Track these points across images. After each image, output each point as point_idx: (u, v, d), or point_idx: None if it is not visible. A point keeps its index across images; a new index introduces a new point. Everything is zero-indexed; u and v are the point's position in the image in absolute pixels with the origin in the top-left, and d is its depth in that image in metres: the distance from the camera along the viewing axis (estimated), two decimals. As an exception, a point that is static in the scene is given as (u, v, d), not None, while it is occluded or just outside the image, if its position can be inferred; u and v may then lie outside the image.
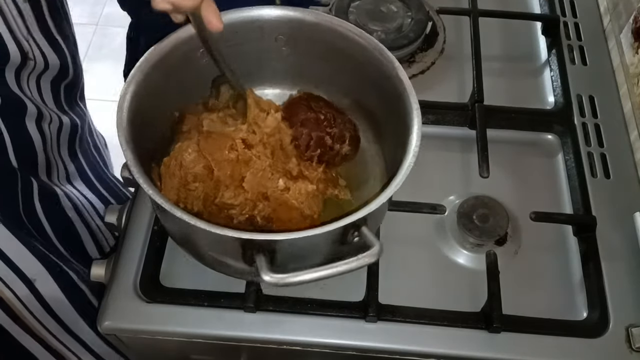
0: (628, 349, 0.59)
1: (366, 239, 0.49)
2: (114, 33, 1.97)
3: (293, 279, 0.47)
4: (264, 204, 0.58)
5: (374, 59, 0.59)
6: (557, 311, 0.62)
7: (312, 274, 0.47)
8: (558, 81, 0.77)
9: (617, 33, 0.79)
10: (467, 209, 0.65)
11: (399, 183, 0.51)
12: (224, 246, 0.53)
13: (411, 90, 0.56)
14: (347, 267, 0.47)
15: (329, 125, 0.62)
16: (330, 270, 0.47)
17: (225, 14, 0.59)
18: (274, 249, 0.49)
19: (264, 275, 0.47)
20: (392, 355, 0.60)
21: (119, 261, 0.64)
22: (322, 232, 0.48)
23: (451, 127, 0.74)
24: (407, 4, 0.81)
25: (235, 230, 0.48)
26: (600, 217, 0.66)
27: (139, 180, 0.49)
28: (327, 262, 0.54)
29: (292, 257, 0.53)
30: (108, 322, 0.60)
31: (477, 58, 0.76)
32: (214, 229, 0.48)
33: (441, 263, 0.65)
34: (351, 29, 0.60)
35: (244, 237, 0.48)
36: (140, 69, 0.56)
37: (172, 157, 0.60)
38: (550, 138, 0.74)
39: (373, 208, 0.49)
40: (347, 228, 0.49)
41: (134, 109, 0.54)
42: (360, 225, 0.50)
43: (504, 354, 0.59)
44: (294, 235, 0.48)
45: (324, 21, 0.61)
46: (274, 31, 0.62)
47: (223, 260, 0.56)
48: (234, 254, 0.52)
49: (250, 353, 0.64)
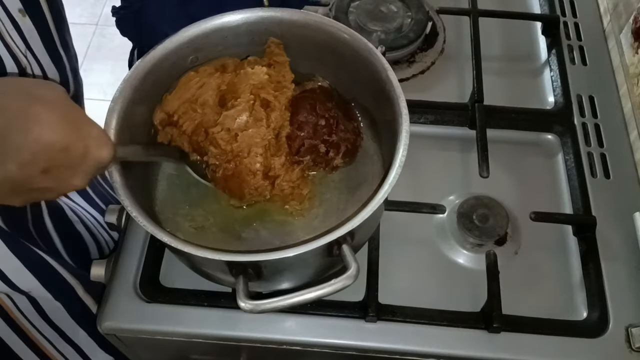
0: (628, 349, 0.59)
1: (344, 259, 0.49)
2: (114, 33, 1.95)
3: (267, 306, 0.46)
4: (230, 165, 0.58)
5: (364, 59, 0.58)
6: (557, 311, 0.62)
7: (287, 300, 0.47)
8: (558, 81, 0.77)
9: (617, 33, 0.79)
10: (467, 209, 0.65)
11: (382, 197, 0.50)
12: (210, 264, 0.53)
13: (400, 93, 0.55)
14: (322, 292, 0.47)
15: (327, 132, 0.60)
16: (305, 296, 0.47)
17: (213, 19, 0.59)
18: (258, 266, 0.49)
19: (239, 302, 0.47)
20: (392, 355, 0.60)
21: (119, 261, 0.64)
22: (301, 252, 0.47)
23: (451, 127, 0.74)
24: (407, 4, 0.81)
25: (214, 252, 0.48)
26: (600, 217, 0.66)
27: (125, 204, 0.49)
28: (317, 271, 0.55)
29: (278, 271, 0.53)
30: (108, 322, 0.60)
31: (477, 58, 0.76)
32: (196, 251, 0.48)
33: (441, 263, 0.65)
34: (341, 29, 0.59)
35: (223, 259, 0.47)
36: (129, 82, 0.56)
37: (198, 74, 0.59)
38: (550, 138, 0.74)
39: (355, 224, 0.48)
40: (330, 244, 0.48)
41: (122, 123, 0.54)
42: (341, 242, 0.49)
43: (504, 354, 0.59)
44: (273, 256, 0.47)
45: (313, 21, 0.60)
46: (264, 33, 0.62)
47: (215, 275, 0.56)
48: (223, 270, 0.52)
49: (250, 353, 0.64)
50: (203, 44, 0.60)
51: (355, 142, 0.62)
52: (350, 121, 0.63)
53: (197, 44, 0.60)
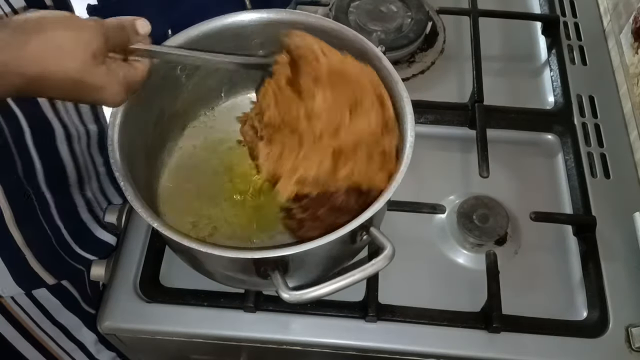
0: (628, 349, 0.59)
1: (376, 241, 0.49)
2: (114, 33, 1.96)
3: (312, 294, 0.46)
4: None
5: (355, 51, 0.57)
6: (557, 311, 0.62)
7: (330, 286, 0.47)
8: (558, 81, 0.77)
9: (617, 33, 0.79)
10: (467, 209, 0.65)
11: (395, 186, 0.50)
12: (235, 265, 0.53)
13: (397, 78, 0.55)
14: (364, 274, 0.47)
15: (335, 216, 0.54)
16: (347, 280, 0.47)
17: (200, 25, 0.59)
18: (287, 262, 0.49)
19: (282, 294, 0.47)
20: (392, 355, 0.60)
21: (119, 261, 0.64)
22: (329, 240, 0.47)
23: (451, 127, 0.74)
24: (407, 4, 0.81)
25: (246, 251, 0.47)
26: (600, 217, 0.66)
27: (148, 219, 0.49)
28: (340, 263, 0.55)
29: (304, 264, 0.53)
30: (108, 322, 0.60)
31: (477, 58, 0.76)
32: (226, 252, 0.47)
33: (441, 263, 0.65)
34: (329, 24, 0.59)
35: (256, 257, 0.47)
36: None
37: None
38: (550, 138, 0.74)
39: (377, 208, 0.49)
40: (354, 231, 0.48)
41: (123, 138, 0.54)
42: (368, 226, 0.49)
43: (504, 354, 0.59)
44: (303, 248, 0.47)
45: (300, 19, 0.60)
46: (251, 35, 0.61)
47: (236, 276, 0.56)
48: (248, 271, 0.52)
49: (250, 353, 0.64)
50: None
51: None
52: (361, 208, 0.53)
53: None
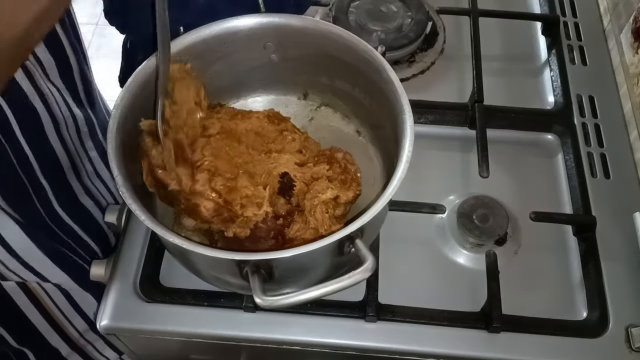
0: (628, 349, 0.59)
1: (359, 253, 0.48)
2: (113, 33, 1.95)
3: (284, 301, 0.46)
4: None
5: (363, 61, 0.58)
6: (556, 311, 0.62)
7: (305, 295, 0.46)
8: (558, 81, 0.77)
9: (617, 33, 0.79)
10: (467, 209, 0.65)
11: (391, 193, 0.50)
12: (221, 266, 0.53)
13: (402, 92, 0.55)
14: (340, 286, 0.47)
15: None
16: (322, 290, 0.46)
17: (211, 25, 0.59)
18: (270, 266, 0.49)
19: (256, 298, 0.46)
20: (392, 355, 0.60)
21: (119, 261, 0.64)
22: (314, 248, 0.47)
23: (451, 127, 0.74)
24: (407, 4, 0.81)
25: (228, 252, 0.47)
26: (600, 217, 0.66)
27: (136, 213, 0.49)
28: (327, 272, 0.54)
29: (290, 271, 0.53)
30: (108, 321, 0.60)
31: (477, 58, 0.76)
32: (208, 251, 0.48)
33: (441, 263, 0.65)
34: (339, 32, 0.59)
35: (237, 258, 0.47)
36: (128, 90, 0.55)
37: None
38: (550, 138, 0.74)
39: (366, 220, 0.48)
40: (342, 241, 0.48)
41: (122, 130, 0.53)
42: (354, 237, 0.49)
43: (504, 354, 0.59)
44: (286, 254, 0.47)
45: (311, 25, 0.60)
46: (262, 39, 0.61)
47: (223, 278, 0.56)
48: (233, 273, 0.51)
49: (250, 353, 0.64)
50: (201, 51, 0.59)
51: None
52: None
53: (195, 50, 0.59)
